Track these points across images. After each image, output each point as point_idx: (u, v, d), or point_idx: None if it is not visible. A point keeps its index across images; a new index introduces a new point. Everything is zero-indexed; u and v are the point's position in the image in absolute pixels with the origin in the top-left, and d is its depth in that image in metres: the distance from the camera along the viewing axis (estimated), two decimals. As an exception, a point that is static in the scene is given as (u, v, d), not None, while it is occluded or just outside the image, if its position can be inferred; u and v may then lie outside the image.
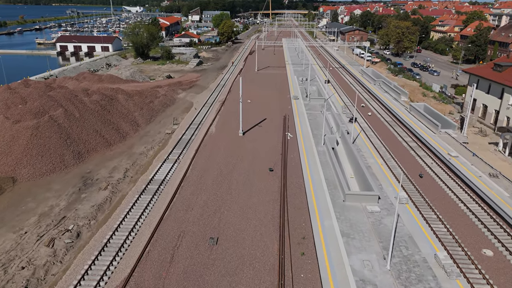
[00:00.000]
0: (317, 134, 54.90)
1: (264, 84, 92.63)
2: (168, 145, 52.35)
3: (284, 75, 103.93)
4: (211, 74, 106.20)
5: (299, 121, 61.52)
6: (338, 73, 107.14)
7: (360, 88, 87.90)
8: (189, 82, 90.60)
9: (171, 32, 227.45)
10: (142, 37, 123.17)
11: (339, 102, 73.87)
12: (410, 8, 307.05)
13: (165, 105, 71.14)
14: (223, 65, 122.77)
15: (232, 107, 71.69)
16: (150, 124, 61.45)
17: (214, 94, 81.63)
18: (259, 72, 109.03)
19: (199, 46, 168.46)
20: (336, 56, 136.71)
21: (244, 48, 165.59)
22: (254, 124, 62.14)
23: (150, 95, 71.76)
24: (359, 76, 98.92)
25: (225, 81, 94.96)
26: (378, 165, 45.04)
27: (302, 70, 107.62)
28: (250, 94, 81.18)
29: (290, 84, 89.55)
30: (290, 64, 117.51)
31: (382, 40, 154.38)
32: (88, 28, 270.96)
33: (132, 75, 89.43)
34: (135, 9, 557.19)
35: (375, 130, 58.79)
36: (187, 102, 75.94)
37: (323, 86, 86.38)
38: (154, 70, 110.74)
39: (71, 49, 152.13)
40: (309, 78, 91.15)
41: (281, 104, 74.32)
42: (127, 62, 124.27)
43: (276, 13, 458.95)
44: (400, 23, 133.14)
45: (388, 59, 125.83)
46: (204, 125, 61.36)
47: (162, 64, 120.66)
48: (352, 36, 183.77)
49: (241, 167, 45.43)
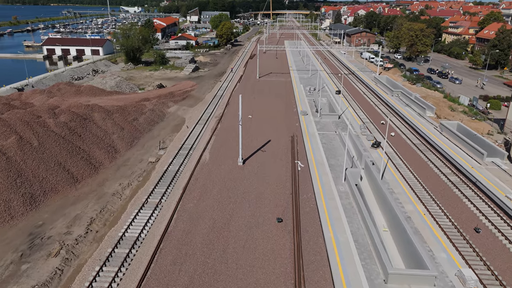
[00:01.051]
0: (334, 165, 44.55)
1: (267, 94, 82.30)
2: (150, 181, 42.03)
3: (288, 83, 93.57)
4: (208, 82, 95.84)
5: (310, 144, 51.15)
6: (349, 81, 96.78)
7: (376, 100, 77.51)
8: (182, 93, 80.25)
9: (167, 34, 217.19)
10: (133, 40, 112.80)
11: (355, 119, 63.48)
12: (416, 9, 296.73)
13: (152, 122, 60.78)
14: (222, 71, 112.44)
15: (230, 124, 61.41)
16: (131, 149, 51.08)
17: (210, 107, 71.31)
18: (260, 79, 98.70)
19: (196, 49, 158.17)
20: (344, 60, 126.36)
21: (244, 51, 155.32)
22: (256, 147, 51.83)
23: (135, 111, 61.42)
24: (372, 85, 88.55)
25: (223, 91, 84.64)
26: (419, 214, 34.70)
27: (308, 77, 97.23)
28: (251, 107, 70.92)
29: (296, 95, 79.21)
30: (295, 71, 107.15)
31: (392, 43, 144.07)
32: (82, 29, 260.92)
33: (118, 85, 79.13)
34: (133, 10, 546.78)
35: (404, 157, 48.43)
36: (178, 118, 65.59)
37: (334, 97, 76.07)
38: (145, 77, 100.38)
39: (59, 52, 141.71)
40: (317, 88, 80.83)
41: (287, 120, 64.01)
42: (117, 68, 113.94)
43: (277, 13, 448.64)
44: (413, 25, 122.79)
45: (401, 64, 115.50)
46: (196, 149, 51.05)
47: (155, 70, 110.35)
48: (359, 39, 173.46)
49: (240, 215, 35.11)
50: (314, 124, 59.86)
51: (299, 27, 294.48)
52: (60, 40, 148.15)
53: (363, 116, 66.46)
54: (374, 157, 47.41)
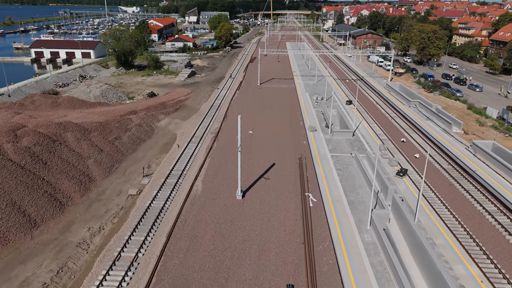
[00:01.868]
0: (355, 202, 36.45)
1: (269, 104, 74.19)
2: (127, 223, 33.96)
3: (292, 90, 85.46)
4: (204, 89, 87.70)
5: (322, 171, 43.04)
6: (358, 89, 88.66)
7: (392, 111, 69.35)
8: (175, 103, 72.15)
9: (164, 35, 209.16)
10: (124, 43, 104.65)
11: (371, 135, 55.31)
12: (421, 9, 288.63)
13: (137, 141, 52.65)
14: (220, 76, 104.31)
15: (228, 141, 53.33)
16: (109, 176, 42.97)
17: (205, 120, 63.20)
18: (262, 86, 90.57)
19: (193, 51, 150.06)
20: (351, 64, 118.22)
21: (244, 53, 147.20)
22: (258, 173, 43.76)
23: (118, 128, 53.29)
24: (385, 92, 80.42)
25: (220, 100, 76.54)
26: (472, 277, 26.65)
27: (314, 84, 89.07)
28: (251, 120, 62.87)
29: (302, 105, 71.09)
30: (299, 76, 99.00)
31: (400, 45, 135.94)
32: (76, 30, 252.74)
33: (104, 94, 70.97)
34: (131, 10, 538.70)
35: (436, 188, 40.32)
36: (169, 134, 57.45)
37: (345, 109, 67.97)
38: (137, 84, 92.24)
39: (48, 55, 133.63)
40: (325, 97, 72.74)
41: (294, 137, 55.89)
42: (107, 73, 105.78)
43: (277, 13, 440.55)
44: (425, 27, 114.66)
45: (413, 69, 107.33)
46: (187, 177, 42.97)
47: (148, 76, 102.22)
48: (364, 40, 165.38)
49: (239, 279, 27.05)
50: (325, 142, 51.69)
51: (301, 27, 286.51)
52: (48, 43, 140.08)
53: (379, 131, 58.30)
54: (401, 188, 39.31)
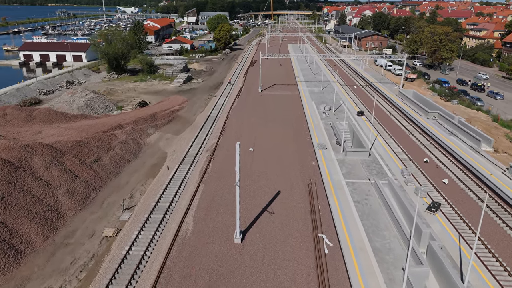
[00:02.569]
0: (381, 251, 29.48)
1: (272, 115, 67.22)
2: (96, 280, 27.00)
3: (296, 98, 78.51)
4: (201, 97, 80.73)
5: (337, 204, 36.10)
6: (368, 96, 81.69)
7: (408, 124, 62.33)
8: (168, 113, 65.18)
9: (162, 37, 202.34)
10: (115, 47, 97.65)
11: (389, 155, 48.29)
12: (425, 9, 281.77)
13: (121, 162, 45.70)
14: (218, 81, 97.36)
15: (225, 162, 46.39)
16: (83, 210, 36.00)
17: (201, 135, 56.25)
18: (263, 93, 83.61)
19: (191, 54, 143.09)
20: (357, 68, 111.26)
21: (244, 56, 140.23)
22: (260, 205, 36.84)
23: (99, 147, 46.35)
24: (398, 101, 73.45)
25: (218, 110, 69.59)
26: None
27: (320, 91, 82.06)
28: (252, 134, 55.98)
29: (308, 116, 64.11)
30: (303, 82, 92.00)
31: (408, 47, 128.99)
32: (72, 31, 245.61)
33: (89, 104, 63.97)
34: (130, 10, 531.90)
35: (476, 227, 33.37)
36: (158, 153, 50.48)
37: (357, 121, 61.00)
38: (128, 91, 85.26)
39: (37, 58, 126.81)
40: (334, 107, 65.86)
41: (301, 157, 48.94)
42: (97, 78, 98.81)
43: (278, 14, 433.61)
44: (437, 28, 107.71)
45: (425, 74, 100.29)
46: (176, 210, 36.05)
47: (141, 81, 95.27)
48: (370, 42, 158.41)
49: None
50: (338, 164, 44.69)
51: (302, 28, 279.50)
52: (38, 45, 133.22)
53: (397, 149, 51.32)
54: (436, 229, 32.35)
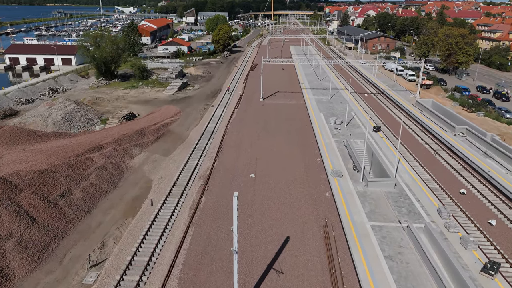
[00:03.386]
0: None
1: (275, 129, 59.38)
2: None
3: (302, 109, 70.69)
4: (196, 107, 72.87)
5: (364, 260, 28.22)
6: (381, 106, 73.88)
7: (432, 141, 54.35)
8: (157, 128, 57.33)
9: (158, 38, 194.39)
10: (104, 50, 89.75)
11: (419, 184, 40.27)
12: (430, 9, 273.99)
13: (95, 195, 37.86)
14: (216, 88, 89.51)
15: (222, 194, 38.57)
16: (37, 270, 28.13)
17: (194, 156, 48.41)
18: (265, 102, 75.77)
19: (188, 57, 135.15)
20: (366, 73, 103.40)
21: (244, 59, 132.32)
22: (264, 261, 28.99)
23: (69, 177, 38.50)
24: (417, 113, 65.53)
25: (215, 123, 61.73)
26: None
27: (328, 101, 74.13)
28: (254, 154, 48.21)
29: (317, 132, 56.23)
30: (309, 89, 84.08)
31: (419, 50, 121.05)
32: (66, 32, 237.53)
33: (68, 118, 56.09)
34: (128, 10, 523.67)
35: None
36: (141, 181, 42.64)
37: (374, 139, 53.13)
38: (116, 99, 77.39)
39: (24, 62, 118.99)
40: (346, 120, 58.08)
41: (311, 184, 41.14)
42: (84, 84, 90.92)
43: (279, 14, 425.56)
44: (452, 30, 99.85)
45: (440, 80, 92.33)
46: (157, 268, 28.23)
47: (132, 88, 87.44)
48: (376, 44, 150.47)
49: None
50: (358, 199, 36.82)
51: (304, 29, 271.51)
52: (25, 48, 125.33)
53: (424, 175, 43.40)
54: (498, 304, 24.54)
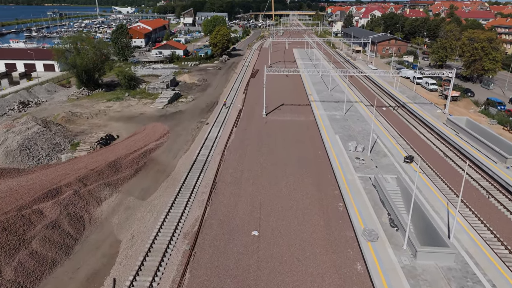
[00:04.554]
0: None
1: (282, 157, 48.53)
2: None
3: (313, 127, 59.87)
4: (188, 125, 62.00)
5: None
6: (405, 125, 63.06)
7: (481, 177, 43.38)
8: (137, 157, 46.51)
9: (153, 40, 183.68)
10: (85, 57, 78.88)
11: (487, 256, 29.48)
12: (438, 9, 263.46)
13: (36, 272, 26.98)
14: (212, 100, 78.67)
15: (215, 264, 27.69)
16: None
17: (179, 199, 37.61)
18: (269, 119, 64.98)
19: (183, 61, 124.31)
20: (380, 81, 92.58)
21: (245, 64, 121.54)
22: None
23: (2, 247, 27.60)
24: (451, 135, 54.64)
25: (208, 149, 50.89)
26: None
27: (343, 118, 63.22)
28: (256, 196, 37.48)
29: (334, 161, 45.38)
30: (318, 102, 73.28)
31: (436, 54, 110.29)
32: (58, 33, 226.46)
33: (26, 146, 45.28)
34: (125, 10, 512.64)
35: None
36: (106, 242, 31.70)
37: (406, 173, 42.28)
38: (96, 116, 66.54)
39: (3, 68, 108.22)
40: (369, 147, 47.39)
41: (334, 247, 30.36)
42: (63, 96, 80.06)
43: (280, 14, 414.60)
44: (478, 34, 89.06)
45: (467, 90, 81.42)
46: None
47: (117, 99, 76.66)
48: (386, 47, 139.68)
49: None
50: (406, 281, 25.96)
51: (306, 30, 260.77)
52: (4, 52, 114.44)
53: (487, 234, 32.61)
54: None
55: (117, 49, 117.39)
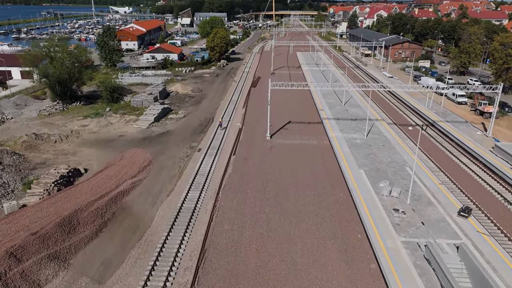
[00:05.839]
0: None
1: (293, 202, 37.20)
2: None
3: (328, 155, 48.56)
4: (176, 153, 50.63)
5: None
6: (440, 150, 51.68)
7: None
8: (103, 207, 35.22)
9: (147, 42, 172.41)
10: (58, 66, 67.53)
11: None
12: (447, 9, 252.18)
13: None
14: (206, 116, 67.33)
15: None
16: None
17: (151, 284, 26.37)
18: (274, 143, 53.58)
19: (177, 67, 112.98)
20: (397, 91, 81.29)
21: (245, 70, 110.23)
22: None
23: None
24: (505, 168, 43.46)
25: (199, 189, 39.60)
26: None
27: (365, 143, 51.79)
28: (263, 270, 26.00)
29: (364, 214, 34.08)
30: (331, 120, 61.93)
31: (457, 60, 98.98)
32: (47, 34, 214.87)
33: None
34: (123, 10, 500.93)
35: None
36: None
37: (465, 235, 30.87)
38: (66, 139, 55.21)
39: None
40: (408, 195, 36.22)
41: None
42: (33, 111, 68.75)
43: (281, 14, 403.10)
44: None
45: (504, 104, 70.10)
46: None
47: (96, 115, 65.43)
48: (399, 51, 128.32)
49: None
50: None
51: (309, 31, 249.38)
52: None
53: None
54: None
55: (104, 53, 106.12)
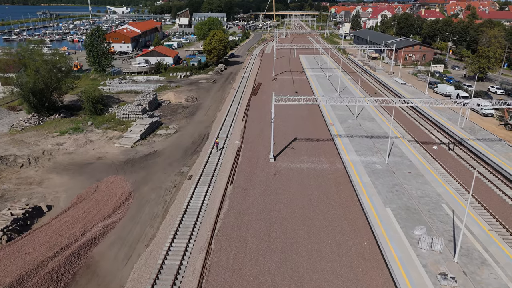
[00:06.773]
0: None
1: (303, 250, 29.14)
2: None
3: (344, 183, 40.47)
4: (162, 182, 42.53)
5: None
6: (476, 178, 43.69)
7: None
8: (61, 265, 27.24)
9: (142, 44, 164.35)
10: (32, 75, 59.42)
11: None
12: (454, 9, 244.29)
13: None
14: (201, 131, 59.20)
15: None
16: None
17: None
18: (278, 166, 45.45)
19: (171, 72, 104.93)
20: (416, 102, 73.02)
21: (244, 75, 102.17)
22: None
23: None
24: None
25: (187, 236, 31.58)
26: None
27: (387, 168, 43.65)
28: None
29: (398, 273, 26.08)
30: (344, 137, 53.77)
31: (475, 65, 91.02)
32: (40, 36, 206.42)
33: None
34: (120, 10, 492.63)
35: None
36: None
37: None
38: (36, 162, 47.17)
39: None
40: (454, 247, 27.67)
41: None
42: (5, 125, 60.60)
43: (281, 14, 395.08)
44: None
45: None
46: None
47: (74, 131, 57.33)
48: (409, 54, 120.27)
49: None
50: None
51: (311, 33, 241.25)
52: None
53: None
54: None
55: (92, 57, 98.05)
